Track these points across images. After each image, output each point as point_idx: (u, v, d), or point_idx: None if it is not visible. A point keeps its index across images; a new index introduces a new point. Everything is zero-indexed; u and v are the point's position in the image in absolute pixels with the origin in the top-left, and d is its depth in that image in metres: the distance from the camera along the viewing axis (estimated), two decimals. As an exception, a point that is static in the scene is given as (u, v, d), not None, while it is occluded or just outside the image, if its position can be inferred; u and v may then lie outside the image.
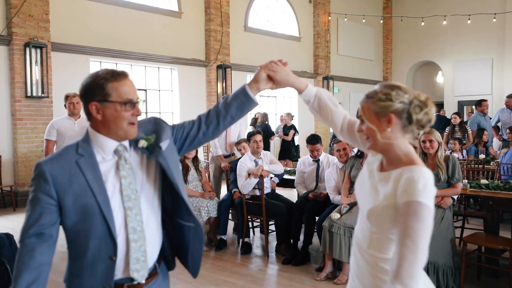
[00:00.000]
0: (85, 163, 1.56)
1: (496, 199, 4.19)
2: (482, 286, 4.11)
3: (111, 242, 1.56)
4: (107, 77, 1.57)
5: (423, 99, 1.56)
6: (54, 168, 1.53)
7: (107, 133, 1.59)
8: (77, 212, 1.54)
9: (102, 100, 1.56)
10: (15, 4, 7.82)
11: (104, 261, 1.56)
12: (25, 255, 1.50)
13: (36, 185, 1.54)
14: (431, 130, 4.18)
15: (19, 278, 1.48)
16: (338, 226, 4.23)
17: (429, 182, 1.49)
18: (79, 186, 1.53)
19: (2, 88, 7.90)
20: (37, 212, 1.52)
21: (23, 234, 1.52)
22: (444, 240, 4.02)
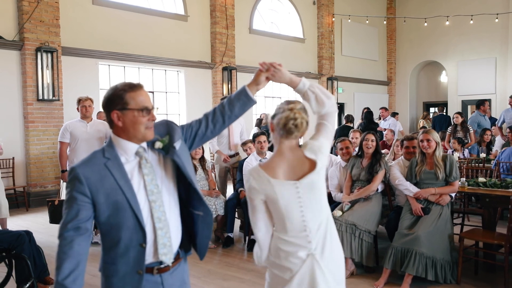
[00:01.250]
0: (112, 165, 1.79)
1: (493, 196, 4.35)
2: (479, 280, 4.27)
3: (140, 232, 1.78)
4: (125, 88, 1.81)
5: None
6: (86, 170, 1.76)
7: (128, 138, 1.82)
8: (109, 208, 1.76)
9: (122, 108, 1.79)
10: (26, 10, 8.06)
11: (136, 248, 1.79)
12: (65, 246, 1.70)
13: (71, 186, 1.75)
14: (430, 130, 4.36)
15: (61, 266, 1.68)
16: (340, 223, 4.40)
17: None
18: (110, 185, 1.76)
19: (14, 91, 8.15)
20: (74, 209, 1.73)
21: (62, 228, 1.73)
22: (442, 235, 4.19)
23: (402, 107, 17.37)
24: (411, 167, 4.45)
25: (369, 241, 4.48)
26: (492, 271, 4.42)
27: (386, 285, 4.14)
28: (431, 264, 4.05)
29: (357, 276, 4.44)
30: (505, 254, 3.94)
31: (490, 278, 4.31)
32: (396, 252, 4.14)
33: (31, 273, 3.62)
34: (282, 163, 2.07)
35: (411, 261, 4.02)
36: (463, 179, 4.63)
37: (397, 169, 4.57)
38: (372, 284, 4.19)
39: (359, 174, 4.74)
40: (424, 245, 4.04)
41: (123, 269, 1.79)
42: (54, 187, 8.52)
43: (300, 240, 2.01)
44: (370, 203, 4.61)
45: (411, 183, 4.40)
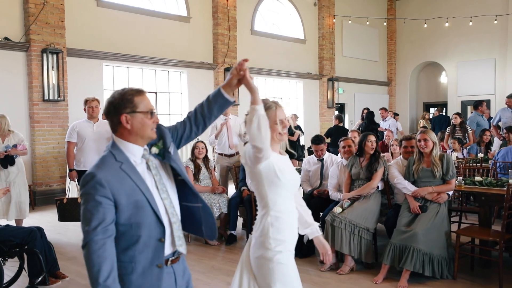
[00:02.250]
0: (127, 167, 1.89)
1: (488, 194, 4.49)
2: (475, 275, 4.41)
3: (160, 227, 1.90)
4: (132, 93, 1.92)
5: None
6: (106, 175, 1.82)
7: (135, 140, 1.92)
8: (130, 208, 1.85)
9: (131, 112, 1.89)
10: (33, 12, 8.21)
11: (155, 244, 1.90)
12: (99, 249, 1.75)
13: (94, 191, 1.79)
14: (427, 130, 4.50)
15: (101, 269, 1.74)
16: (340, 221, 4.55)
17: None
18: (129, 187, 1.85)
19: (21, 92, 8.30)
20: (100, 213, 1.78)
21: (90, 234, 1.76)
22: (439, 232, 4.33)
23: (402, 107, 17.50)
24: (409, 166, 4.59)
25: (368, 239, 4.62)
26: (488, 267, 4.56)
27: (384, 280, 4.28)
28: (428, 260, 4.19)
29: (356, 272, 4.58)
30: (499, 251, 4.07)
31: (485, 274, 4.45)
32: (395, 248, 4.28)
33: (43, 268, 3.76)
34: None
35: (409, 257, 4.16)
36: (460, 178, 4.77)
37: (396, 168, 4.71)
38: (371, 280, 4.33)
39: (359, 173, 4.87)
40: (422, 242, 4.18)
41: (142, 265, 1.87)
42: (59, 186, 8.67)
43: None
44: (369, 202, 4.75)
45: (409, 182, 4.53)
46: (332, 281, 4.35)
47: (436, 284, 4.18)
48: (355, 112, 15.77)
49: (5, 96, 8.07)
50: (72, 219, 5.67)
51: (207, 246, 5.61)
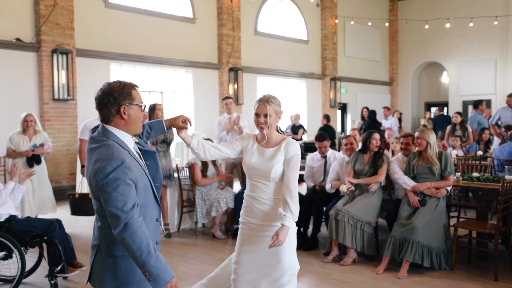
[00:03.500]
0: (133, 155, 2.06)
1: (485, 189, 4.69)
2: (472, 267, 4.61)
3: (158, 208, 2.15)
4: (131, 86, 2.08)
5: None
6: (128, 161, 1.97)
7: (127, 130, 2.07)
8: (142, 190, 2.03)
9: (129, 104, 2.04)
10: (43, 13, 8.44)
11: (154, 223, 2.13)
12: (141, 226, 1.93)
13: (124, 175, 1.92)
14: (424, 130, 4.71)
15: (148, 243, 1.92)
16: (343, 214, 4.75)
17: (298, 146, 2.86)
18: (140, 172, 2.04)
19: (31, 91, 8.53)
20: (133, 194, 1.93)
21: (129, 214, 1.89)
22: (438, 226, 4.54)
23: (404, 107, 17.68)
24: (409, 162, 4.80)
25: (370, 232, 4.82)
26: (484, 259, 4.76)
27: (385, 271, 4.49)
28: (427, 252, 4.40)
29: (359, 263, 4.79)
30: (495, 242, 4.27)
31: (482, 265, 4.65)
32: (395, 240, 4.48)
33: (61, 257, 3.98)
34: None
35: (408, 249, 4.36)
36: (458, 174, 4.97)
37: (396, 164, 4.91)
38: (373, 270, 4.53)
39: (363, 169, 5.07)
40: (421, 234, 4.38)
41: None
42: (68, 183, 8.89)
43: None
44: (371, 197, 4.95)
45: (409, 177, 4.74)
46: (335, 272, 4.56)
47: (435, 274, 4.39)
48: (357, 112, 15.95)
49: (17, 95, 8.30)
50: (83, 213, 5.90)
51: (215, 239, 5.82)
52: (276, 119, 2.84)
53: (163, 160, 6.02)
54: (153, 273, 1.92)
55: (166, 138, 6.05)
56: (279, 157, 2.78)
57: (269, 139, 2.85)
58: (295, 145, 2.82)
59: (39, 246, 4.15)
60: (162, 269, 1.93)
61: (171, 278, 1.98)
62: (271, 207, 2.80)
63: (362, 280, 4.33)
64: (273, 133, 2.86)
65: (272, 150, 2.82)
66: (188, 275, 4.53)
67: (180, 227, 6.32)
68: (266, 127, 2.79)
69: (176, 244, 5.69)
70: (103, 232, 2.05)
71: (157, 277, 1.93)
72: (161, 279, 1.93)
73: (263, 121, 2.79)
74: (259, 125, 2.81)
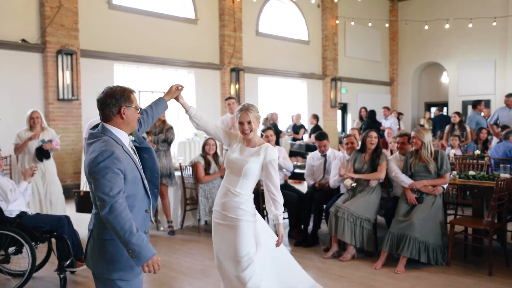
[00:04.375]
0: (127, 150, 2.30)
1: (480, 187, 4.82)
2: (468, 262, 4.75)
3: (147, 200, 2.38)
4: (130, 91, 2.37)
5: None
6: (119, 153, 2.20)
7: (125, 129, 2.34)
8: (131, 182, 2.25)
9: (128, 105, 2.32)
10: (48, 15, 8.58)
11: (143, 214, 2.35)
12: (125, 209, 2.14)
13: (113, 165, 2.14)
14: (420, 130, 4.84)
15: (131, 223, 2.12)
16: (343, 211, 4.89)
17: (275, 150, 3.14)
18: (131, 165, 2.27)
19: (37, 91, 8.67)
20: (119, 182, 2.15)
21: (114, 198, 2.11)
22: (434, 222, 4.67)
23: (404, 107, 17.81)
24: (406, 160, 4.94)
25: (369, 228, 4.96)
26: (480, 255, 4.89)
27: (383, 266, 4.63)
28: (424, 248, 4.54)
29: (358, 259, 4.93)
30: (489, 238, 4.41)
31: (477, 261, 4.79)
32: (393, 237, 4.62)
33: (70, 252, 4.12)
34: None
35: (406, 245, 4.50)
36: (455, 172, 5.10)
37: (394, 163, 5.04)
38: (371, 266, 4.67)
39: (362, 167, 5.20)
40: (418, 231, 4.52)
41: None
42: (73, 182, 9.03)
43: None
44: (370, 194, 5.08)
45: (407, 175, 4.87)
46: (334, 267, 4.70)
47: (431, 269, 4.52)
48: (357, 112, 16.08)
49: (22, 95, 8.45)
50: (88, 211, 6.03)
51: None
52: (257, 123, 3.14)
53: (164, 159, 6.15)
54: (135, 250, 2.12)
55: (167, 138, 6.19)
56: (255, 158, 3.06)
57: (251, 141, 3.15)
58: (273, 150, 3.10)
59: (48, 242, 4.29)
60: (143, 247, 2.13)
61: (152, 255, 2.17)
62: (232, 200, 3.08)
63: (360, 275, 4.47)
64: (256, 136, 3.16)
65: (251, 150, 3.11)
66: (192, 270, 4.67)
67: (184, 224, 6.46)
68: (250, 132, 3.09)
69: (179, 241, 5.83)
70: (97, 218, 2.30)
71: (139, 254, 2.12)
72: (143, 256, 2.13)
73: (247, 127, 3.09)
74: (243, 132, 3.11)
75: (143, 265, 2.15)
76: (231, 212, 3.07)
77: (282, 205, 3.10)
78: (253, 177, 3.10)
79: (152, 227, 6.50)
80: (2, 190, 4.19)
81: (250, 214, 3.08)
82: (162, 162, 6.14)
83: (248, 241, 3.05)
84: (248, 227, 3.07)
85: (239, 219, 3.04)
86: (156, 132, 6.17)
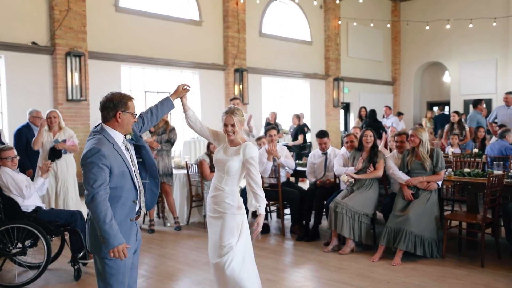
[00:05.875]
0: (117, 148, 2.61)
1: (474, 183, 5.04)
2: (462, 255, 4.96)
3: (135, 191, 2.67)
4: (128, 97, 2.68)
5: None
6: (106, 150, 2.51)
7: (119, 130, 2.66)
8: (118, 175, 2.56)
9: (124, 110, 2.63)
10: (57, 18, 8.84)
11: (130, 203, 2.65)
12: (104, 200, 2.45)
13: (98, 161, 2.46)
14: (417, 128, 5.05)
15: (107, 214, 2.44)
16: (342, 207, 5.11)
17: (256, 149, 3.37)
18: (119, 161, 2.57)
19: (46, 92, 8.94)
20: (103, 176, 2.46)
21: (95, 189, 2.42)
22: (430, 217, 4.88)
23: (406, 106, 17.97)
24: (403, 158, 5.15)
25: (367, 223, 5.18)
26: (474, 248, 5.10)
27: (381, 259, 4.84)
28: (420, 241, 4.75)
29: (356, 252, 5.15)
30: (481, 232, 4.61)
31: (471, 254, 4.99)
32: (390, 231, 4.84)
33: (83, 245, 4.36)
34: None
35: (402, 238, 4.72)
36: (450, 169, 5.30)
37: (392, 161, 5.25)
38: (369, 259, 4.88)
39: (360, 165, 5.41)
40: (414, 225, 4.73)
41: (119, 218, 2.58)
42: (80, 180, 9.25)
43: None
44: (368, 191, 5.30)
45: (403, 172, 5.08)
46: (334, 260, 4.91)
47: (426, 262, 4.73)
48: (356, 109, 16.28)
49: (33, 96, 8.71)
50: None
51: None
52: (240, 126, 3.37)
53: (166, 159, 6.37)
54: (104, 237, 2.46)
55: (170, 138, 6.41)
56: (236, 157, 3.30)
57: (233, 140, 3.38)
58: (251, 147, 3.31)
59: (61, 235, 4.54)
60: (112, 236, 2.44)
61: (119, 244, 2.47)
62: (219, 195, 3.33)
63: (359, 267, 4.68)
64: (237, 136, 3.38)
65: (233, 149, 3.35)
66: (199, 263, 4.90)
67: (190, 220, 6.69)
68: (233, 134, 3.33)
69: (186, 236, 6.07)
70: None
71: (107, 241, 2.46)
72: (109, 243, 2.46)
73: (230, 129, 3.33)
74: (227, 133, 3.35)
75: (109, 250, 2.46)
76: (218, 206, 3.31)
77: (264, 198, 3.27)
78: (235, 174, 3.31)
79: (159, 223, 6.75)
80: (18, 186, 4.43)
81: (234, 208, 3.29)
82: (164, 161, 6.33)
83: (230, 232, 3.27)
84: (232, 219, 3.28)
85: (225, 212, 3.28)
86: (159, 133, 6.39)
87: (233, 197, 3.30)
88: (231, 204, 3.29)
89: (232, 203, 3.29)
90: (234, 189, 3.33)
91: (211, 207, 3.38)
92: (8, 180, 4.40)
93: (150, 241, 5.79)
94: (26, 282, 4.25)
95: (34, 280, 4.25)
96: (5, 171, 4.45)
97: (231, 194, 3.31)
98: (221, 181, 3.33)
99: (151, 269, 4.81)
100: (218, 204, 3.32)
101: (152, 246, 5.57)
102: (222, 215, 3.29)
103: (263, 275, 4.15)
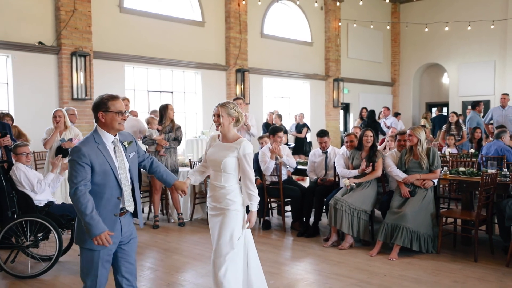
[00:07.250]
0: (101, 148, 2.78)
1: (469, 182, 5.23)
2: (456, 251, 5.15)
3: (119, 189, 2.83)
4: (108, 98, 2.82)
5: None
6: (87, 149, 2.70)
7: (108, 130, 2.81)
8: (100, 173, 2.74)
9: (105, 110, 2.79)
10: (63, 18, 9.02)
11: (114, 200, 2.81)
12: (84, 194, 2.65)
13: (78, 159, 2.66)
14: (415, 128, 5.24)
15: (87, 205, 2.63)
16: (341, 204, 5.29)
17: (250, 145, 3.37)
18: (101, 159, 2.74)
19: (52, 91, 9.12)
20: (83, 173, 2.66)
21: (76, 184, 2.64)
22: (426, 214, 5.08)
23: (405, 107, 18.16)
24: (401, 157, 5.34)
25: (365, 219, 5.37)
26: (468, 244, 5.29)
27: (378, 254, 5.03)
28: (416, 237, 4.95)
29: (355, 247, 5.34)
30: (474, 228, 4.80)
31: (466, 250, 5.19)
32: (387, 227, 5.03)
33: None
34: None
35: (399, 234, 4.91)
36: (445, 168, 5.49)
37: (390, 159, 5.44)
38: (367, 254, 5.07)
39: (360, 164, 5.60)
40: (410, 221, 4.92)
41: (104, 213, 2.75)
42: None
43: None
44: (367, 188, 5.49)
45: (401, 171, 5.27)
46: (333, 255, 5.10)
47: (422, 257, 4.92)
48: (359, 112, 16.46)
49: (39, 95, 8.89)
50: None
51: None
52: (229, 119, 3.35)
53: (173, 156, 6.59)
54: (86, 227, 2.66)
55: (177, 136, 6.62)
56: (231, 153, 3.28)
57: (226, 136, 3.37)
58: (247, 145, 3.31)
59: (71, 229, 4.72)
60: (93, 225, 2.63)
61: (100, 233, 2.64)
62: (219, 192, 3.31)
63: (357, 261, 4.87)
64: (230, 132, 3.37)
65: (226, 145, 3.32)
66: (203, 256, 5.09)
67: (193, 217, 6.88)
68: (220, 125, 3.34)
69: (189, 231, 6.26)
70: None
71: (89, 231, 2.65)
72: (92, 232, 2.64)
73: (216, 119, 3.36)
74: (215, 122, 3.40)
75: (93, 238, 2.64)
76: (220, 202, 3.28)
77: (257, 196, 3.29)
78: (233, 170, 3.28)
79: (163, 219, 6.93)
80: (30, 182, 4.62)
81: (237, 204, 3.27)
82: (172, 158, 6.56)
83: (231, 229, 3.24)
84: (235, 216, 3.26)
85: (227, 208, 3.25)
86: (166, 131, 6.59)
87: (235, 193, 3.28)
88: (234, 200, 3.26)
89: (235, 199, 3.27)
90: (234, 185, 3.31)
91: (211, 205, 3.36)
92: (21, 176, 4.59)
93: (155, 236, 5.98)
94: (38, 273, 4.43)
95: (45, 272, 4.44)
96: (19, 167, 4.63)
97: (233, 190, 3.29)
98: (219, 179, 3.30)
99: (157, 262, 5.00)
100: (220, 201, 3.28)
101: (157, 241, 5.76)
102: (224, 211, 3.26)
103: (265, 268, 4.32)
